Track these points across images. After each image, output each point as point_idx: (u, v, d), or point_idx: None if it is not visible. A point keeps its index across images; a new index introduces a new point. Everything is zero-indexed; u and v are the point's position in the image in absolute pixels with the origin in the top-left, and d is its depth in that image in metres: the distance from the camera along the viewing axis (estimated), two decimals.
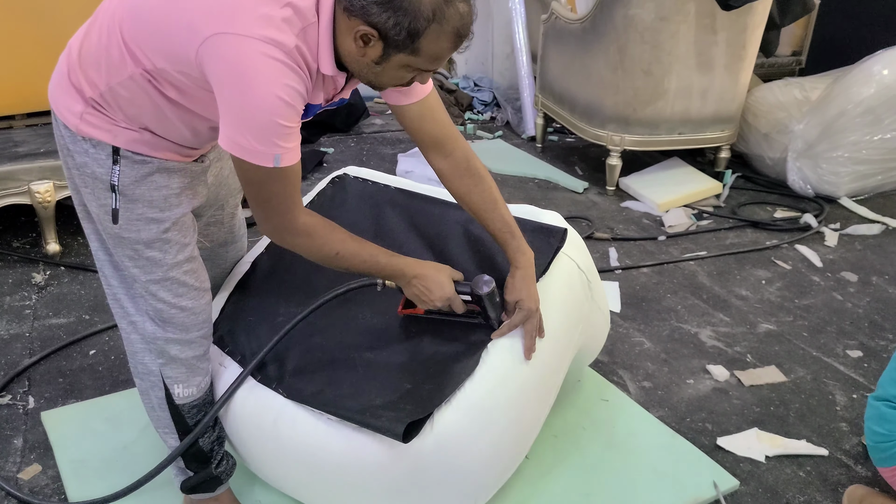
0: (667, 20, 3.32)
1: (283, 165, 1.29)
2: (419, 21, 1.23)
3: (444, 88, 4.91)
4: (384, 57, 1.29)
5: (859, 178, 3.61)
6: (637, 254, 3.13)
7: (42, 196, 2.73)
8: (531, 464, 1.91)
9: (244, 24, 1.21)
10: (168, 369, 1.54)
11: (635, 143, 3.60)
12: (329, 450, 1.55)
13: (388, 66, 1.31)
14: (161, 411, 1.59)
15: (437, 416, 1.51)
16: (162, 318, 1.50)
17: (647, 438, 2.04)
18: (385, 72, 1.33)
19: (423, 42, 1.26)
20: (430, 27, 1.24)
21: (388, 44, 1.26)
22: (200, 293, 1.54)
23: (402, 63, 1.30)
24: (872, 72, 3.47)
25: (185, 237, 1.48)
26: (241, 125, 1.25)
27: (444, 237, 1.84)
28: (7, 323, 2.47)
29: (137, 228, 1.43)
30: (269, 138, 1.26)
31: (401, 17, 1.23)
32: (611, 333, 2.51)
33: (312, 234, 1.42)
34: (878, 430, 1.75)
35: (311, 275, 1.80)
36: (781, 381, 2.34)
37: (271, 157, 1.27)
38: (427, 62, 1.31)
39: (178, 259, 1.47)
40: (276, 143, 1.27)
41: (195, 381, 1.57)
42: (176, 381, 1.55)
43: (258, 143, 1.26)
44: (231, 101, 1.24)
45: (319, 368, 1.62)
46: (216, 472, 1.67)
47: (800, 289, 2.90)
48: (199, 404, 1.60)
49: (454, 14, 1.26)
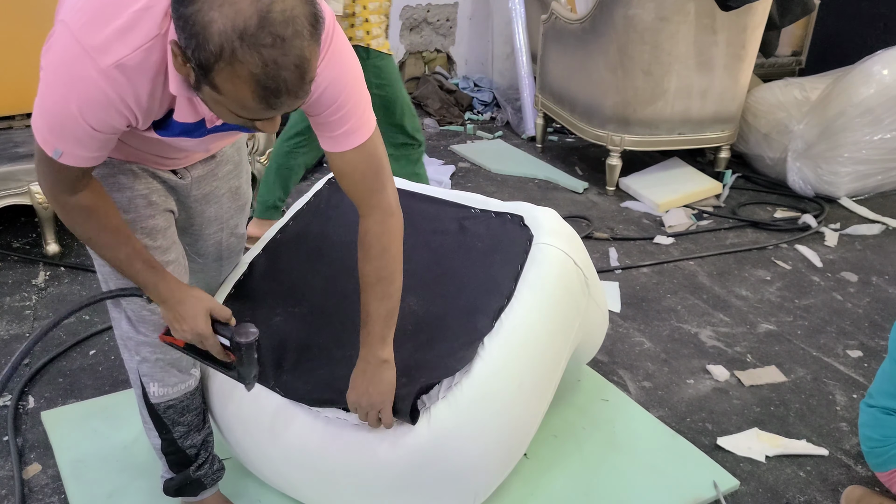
0: (667, 20, 3.32)
1: (62, 162, 1.20)
2: (205, 53, 1.01)
3: (444, 88, 4.91)
4: (196, 84, 1.08)
5: (859, 178, 3.61)
6: (637, 254, 3.13)
7: (42, 196, 2.73)
8: (531, 463, 1.91)
9: (81, 23, 1.10)
10: (144, 367, 1.53)
11: (635, 143, 3.60)
12: (327, 448, 1.55)
13: (205, 97, 1.10)
14: (141, 408, 1.59)
15: (434, 414, 1.51)
16: (136, 318, 1.49)
17: (647, 438, 2.04)
18: (210, 104, 1.12)
19: (217, 80, 1.04)
20: (218, 64, 1.02)
21: (193, 69, 1.06)
22: None
23: (212, 98, 1.09)
24: (872, 72, 3.47)
25: (158, 241, 1.45)
26: (43, 107, 1.17)
27: (440, 235, 1.84)
28: (7, 323, 2.47)
29: None
30: (59, 135, 1.17)
31: (188, 41, 1.02)
32: (611, 333, 2.51)
33: (73, 213, 1.31)
34: (873, 435, 1.75)
35: (308, 276, 1.80)
36: (781, 381, 2.34)
37: (52, 148, 1.18)
38: (236, 107, 1.08)
39: None
40: (65, 143, 1.17)
41: (171, 381, 1.55)
42: (152, 379, 1.54)
43: (47, 132, 1.18)
44: (45, 82, 1.15)
45: (316, 367, 1.62)
46: (195, 476, 1.64)
47: (800, 289, 2.90)
48: (175, 405, 1.57)
49: (252, 59, 1.00)
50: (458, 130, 4.59)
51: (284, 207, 2.94)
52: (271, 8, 1.00)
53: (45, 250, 2.83)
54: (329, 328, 1.69)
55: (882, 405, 1.75)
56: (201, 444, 1.64)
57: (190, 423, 1.60)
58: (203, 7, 1.00)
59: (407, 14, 4.89)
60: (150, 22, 1.09)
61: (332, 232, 1.90)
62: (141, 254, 1.38)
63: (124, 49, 1.09)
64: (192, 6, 1.01)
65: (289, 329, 1.69)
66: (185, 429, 1.60)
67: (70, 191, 1.28)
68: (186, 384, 1.58)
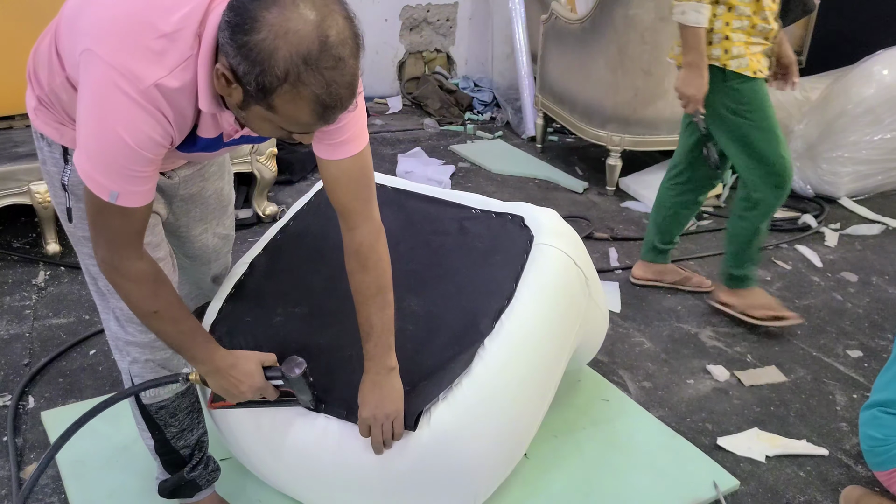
0: (667, 20, 3.32)
1: (121, 204, 1.20)
2: (269, 77, 1.08)
3: (443, 88, 4.91)
4: (244, 104, 1.15)
5: (859, 178, 3.61)
6: (637, 254, 3.12)
7: (42, 196, 2.73)
8: (531, 463, 1.91)
9: (111, 48, 1.13)
10: (135, 368, 1.52)
11: (635, 143, 3.60)
12: (327, 449, 1.55)
13: (251, 114, 1.17)
14: (133, 408, 1.59)
15: (434, 414, 1.51)
16: (125, 318, 1.47)
17: (647, 438, 2.04)
18: (250, 120, 1.19)
19: (276, 101, 1.11)
20: (282, 87, 1.09)
21: (244, 91, 1.12)
22: None
23: (262, 116, 1.16)
24: (872, 72, 3.47)
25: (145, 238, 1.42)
26: (88, 150, 1.18)
27: (440, 235, 1.84)
28: (7, 323, 2.47)
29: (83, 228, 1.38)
30: (112, 174, 1.18)
31: (250, 67, 1.08)
32: (611, 333, 2.51)
33: (139, 283, 1.31)
34: (874, 434, 1.75)
35: (308, 276, 1.80)
36: (781, 381, 2.34)
37: (107, 192, 1.18)
38: (288, 123, 1.16)
39: None
40: (119, 182, 1.18)
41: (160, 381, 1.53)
42: (143, 379, 1.53)
43: (96, 173, 1.18)
44: (83, 123, 1.18)
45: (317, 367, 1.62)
46: (189, 477, 1.64)
47: (800, 289, 2.90)
48: (166, 405, 1.56)
49: (316, 80, 1.09)
50: (458, 130, 4.59)
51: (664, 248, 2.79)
52: (329, 33, 1.08)
53: (45, 250, 2.83)
54: (329, 328, 1.69)
55: (883, 405, 1.75)
56: (195, 444, 1.63)
57: (182, 423, 1.59)
58: (269, 36, 1.07)
59: (407, 14, 4.89)
60: (183, 44, 1.15)
61: (333, 232, 1.89)
62: (199, 329, 1.41)
63: (161, 70, 1.14)
64: (257, 35, 1.07)
65: (289, 329, 1.69)
66: (176, 429, 1.59)
67: (135, 251, 1.28)
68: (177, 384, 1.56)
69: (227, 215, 1.73)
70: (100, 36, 1.14)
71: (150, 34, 1.13)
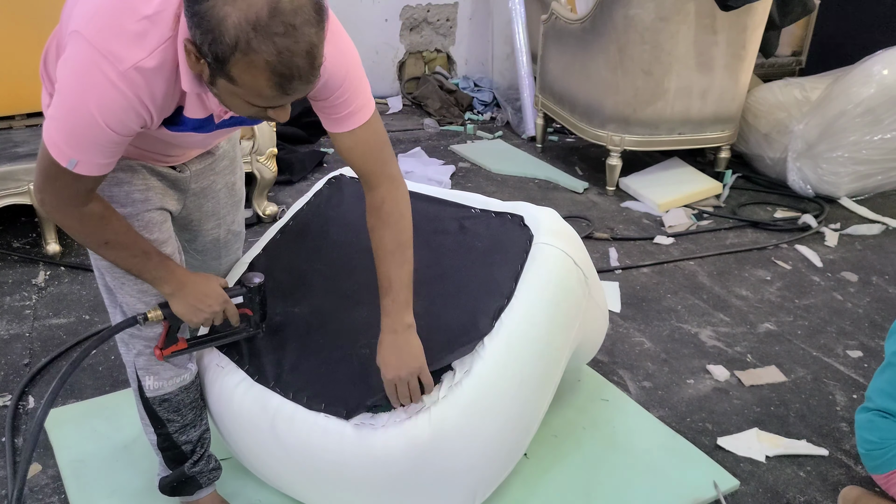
0: (667, 20, 3.32)
1: (77, 172, 1.22)
2: (221, 46, 1.08)
3: (444, 88, 4.91)
4: (212, 78, 1.15)
5: (859, 178, 3.61)
6: (637, 254, 3.13)
7: None
8: (531, 463, 1.91)
9: (96, 30, 1.14)
10: (140, 360, 1.54)
11: (635, 143, 3.60)
12: (327, 448, 1.55)
13: (220, 91, 1.17)
14: (137, 402, 1.60)
15: (434, 413, 1.51)
16: (130, 312, 1.49)
17: (647, 438, 2.04)
18: (222, 96, 1.19)
19: (233, 71, 1.10)
20: (234, 55, 1.08)
21: (207, 64, 1.12)
22: None
23: (228, 90, 1.15)
24: (872, 72, 3.47)
25: (153, 234, 1.46)
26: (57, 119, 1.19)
27: (440, 235, 1.84)
28: (7, 323, 2.47)
29: None
30: (75, 144, 1.20)
31: (204, 36, 1.08)
32: (611, 333, 2.51)
33: (84, 222, 1.34)
34: (870, 437, 1.75)
35: (307, 275, 1.80)
36: (781, 381, 2.34)
37: (67, 158, 1.20)
38: (251, 96, 1.15)
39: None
40: (81, 151, 1.20)
41: (166, 374, 1.56)
42: (148, 372, 1.55)
43: (63, 143, 1.20)
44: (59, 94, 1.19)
45: (316, 366, 1.62)
46: (189, 473, 1.65)
47: (800, 289, 2.90)
48: (170, 399, 1.57)
49: (266, 48, 1.07)
50: (458, 130, 4.59)
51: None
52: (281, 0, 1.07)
53: (45, 250, 2.83)
54: (329, 328, 1.69)
55: (879, 408, 1.75)
56: (197, 440, 1.64)
57: (185, 418, 1.61)
58: (217, 3, 1.06)
59: (407, 14, 4.89)
60: (163, 25, 1.15)
61: (333, 232, 1.90)
62: (153, 249, 1.43)
63: (141, 52, 1.15)
64: (206, 3, 1.07)
65: (289, 329, 1.69)
66: (179, 424, 1.60)
67: (82, 202, 1.30)
68: (181, 378, 1.58)
69: (239, 211, 1.74)
70: (86, 18, 1.16)
71: (131, 16, 1.14)
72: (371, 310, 1.72)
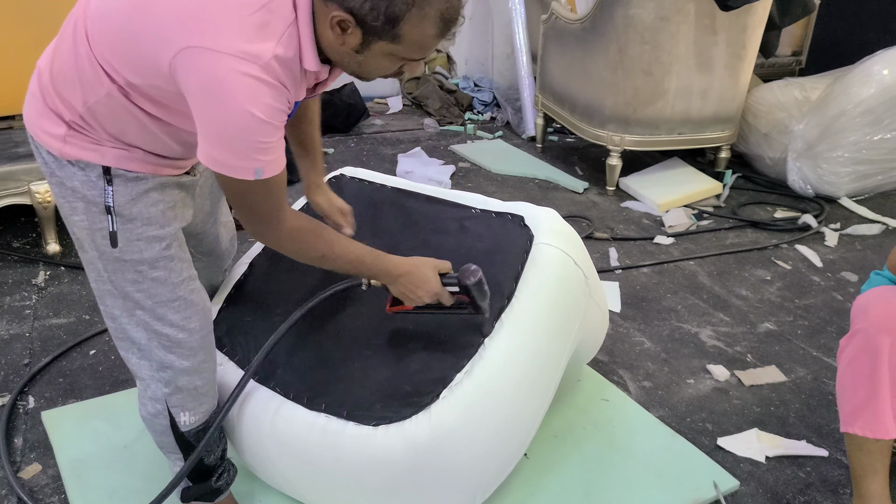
0: (667, 20, 3.32)
1: (265, 177, 1.25)
2: (397, 5, 1.16)
3: (444, 89, 4.91)
4: (364, 45, 1.22)
5: (859, 178, 3.61)
6: (637, 254, 3.13)
7: (42, 196, 2.73)
8: (531, 463, 1.91)
9: (216, 36, 1.14)
10: (175, 398, 1.49)
11: (635, 143, 3.60)
12: (327, 448, 1.55)
13: (370, 54, 1.24)
14: (166, 437, 1.55)
15: (434, 412, 1.51)
16: (171, 343, 1.44)
17: (647, 438, 2.04)
18: (368, 61, 1.26)
19: (403, 28, 1.19)
20: (410, 11, 1.17)
21: (366, 31, 1.19)
22: (206, 312, 1.49)
23: (384, 51, 1.23)
24: (872, 72, 3.47)
25: (185, 253, 1.44)
26: (216, 141, 1.20)
27: (440, 235, 1.84)
28: (7, 323, 2.47)
29: (139, 249, 1.36)
30: (247, 154, 1.21)
31: (377, 1, 1.16)
32: (611, 333, 2.51)
33: (297, 240, 1.40)
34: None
35: (307, 275, 1.80)
36: (781, 381, 2.34)
37: (251, 171, 1.22)
38: (411, 50, 1.24)
39: (183, 276, 1.42)
40: (255, 157, 1.22)
41: (202, 409, 1.53)
42: (183, 409, 1.50)
43: (235, 159, 1.21)
44: (205, 117, 1.19)
45: (317, 366, 1.62)
46: (216, 486, 1.64)
47: (800, 289, 2.90)
48: (204, 428, 1.55)
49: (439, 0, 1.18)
50: (458, 130, 4.59)
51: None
52: None
53: (45, 250, 2.83)
54: (329, 328, 1.69)
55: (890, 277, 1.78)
56: (221, 454, 1.63)
57: (213, 439, 1.57)
58: None
59: None
60: (282, 10, 1.19)
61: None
62: (361, 247, 1.49)
63: (271, 42, 1.18)
64: None
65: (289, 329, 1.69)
66: (212, 443, 1.57)
67: (284, 215, 1.35)
68: (211, 404, 1.56)
69: (223, 201, 1.73)
70: (194, 29, 1.15)
71: (244, 10, 1.16)
72: (371, 310, 1.72)
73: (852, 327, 1.69)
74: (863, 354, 1.64)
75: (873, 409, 1.64)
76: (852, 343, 1.68)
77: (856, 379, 1.67)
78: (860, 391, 1.66)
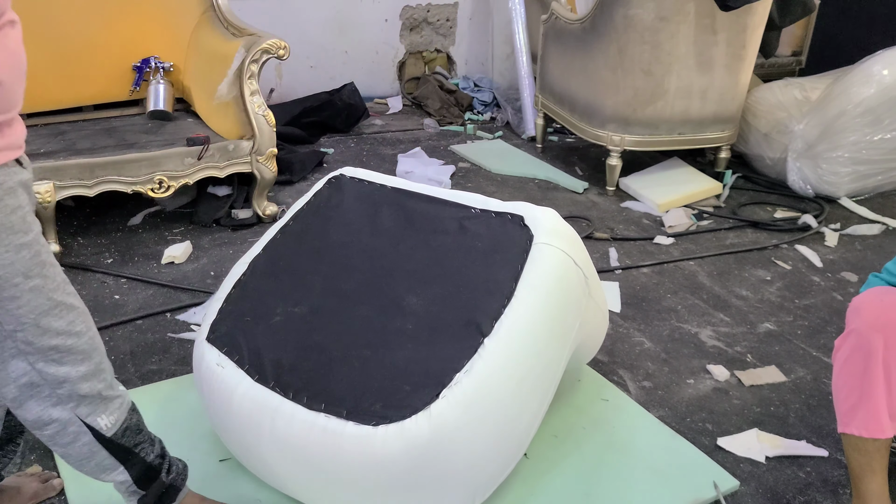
0: (667, 20, 3.32)
1: None
2: None
3: (444, 89, 4.91)
4: None
5: (859, 178, 3.61)
6: (637, 254, 3.13)
7: (42, 196, 2.73)
8: (530, 463, 1.91)
9: None
10: (82, 408, 1.39)
11: (635, 143, 3.60)
12: (326, 448, 1.55)
13: None
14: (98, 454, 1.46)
15: (434, 412, 1.51)
16: (60, 353, 1.34)
17: (647, 438, 2.04)
18: None
19: None
20: None
21: None
22: (86, 313, 1.41)
23: None
24: (872, 72, 3.47)
25: (51, 255, 1.36)
26: None
27: (440, 235, 1.84)
28: None
29: (10, 261, 1.25)
30: None
31: None
32: (611, 333, 2.51)
33: None
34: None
35: (308, 276, 1.80)
36: (781, 381, 2.34)
37: None
38: None
39: (58, 280, 1.34)
40: None
41: (114, 406, 1.44)
42: (96, 413, 1.41)
43: None
44: None
45: (316, 366, 1.62)
46: (168, 481, 1.57)
47: (800, 289, 2.90)
48: (129, 424, 1.48)
49: None
50: (458, 130, 4.58)
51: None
52: None
53: None
54: (329, 328, 1.69)
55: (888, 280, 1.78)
56: (161, 449, 1.57)
57: (145, 433, 1.52)
58: None
59: (407, 14, 4.89)
60: None
61: (332, 232, 1.90)
62: None
63: None
64: None
65: (289, 329, 1.70)
66: (146, 442, 1.52)
67: None
68: (125, 400, 1.48)
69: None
70: None
71: None
72: (371, 310, 1.72)
73: (846, 327, 1.70)
74: (857, 354, 1.64)
75: (869, 409, 1.64)
76: (846, 343, 1.68)
77: (850, 379, 1.67)
78: (855, 391, 1.66)
